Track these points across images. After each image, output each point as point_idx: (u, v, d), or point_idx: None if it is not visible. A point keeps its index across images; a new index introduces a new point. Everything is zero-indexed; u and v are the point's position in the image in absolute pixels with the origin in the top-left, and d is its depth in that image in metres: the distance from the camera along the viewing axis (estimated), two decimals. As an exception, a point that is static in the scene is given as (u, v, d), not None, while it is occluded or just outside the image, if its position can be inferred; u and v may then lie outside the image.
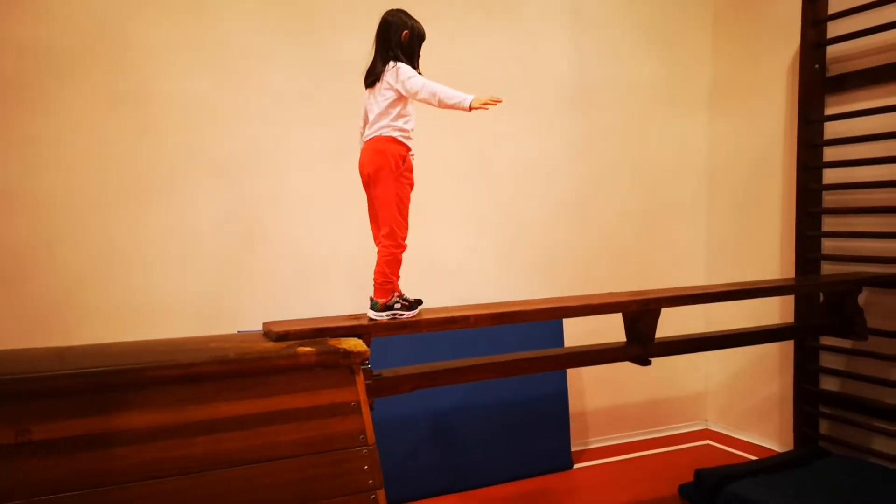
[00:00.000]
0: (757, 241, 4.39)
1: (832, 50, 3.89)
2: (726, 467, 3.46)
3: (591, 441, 4.41)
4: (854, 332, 3.41)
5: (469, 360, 2.55)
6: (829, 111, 3.90)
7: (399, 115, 2.31)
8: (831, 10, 3.83)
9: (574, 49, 4.25)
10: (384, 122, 2.29)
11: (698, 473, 3.45)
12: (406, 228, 2.33)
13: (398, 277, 2.35)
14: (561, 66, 4.22)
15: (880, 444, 3.68)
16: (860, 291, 3.46)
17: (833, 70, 3.90)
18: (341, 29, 3.62)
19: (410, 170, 2.35)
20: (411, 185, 2.36)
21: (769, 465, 3.54)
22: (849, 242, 3.82)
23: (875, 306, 3.69)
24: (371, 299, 2.34)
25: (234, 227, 3.47)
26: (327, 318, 2.40)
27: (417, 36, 2.39)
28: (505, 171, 4.07)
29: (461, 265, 3.97)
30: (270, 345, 2.14)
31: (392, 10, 2.40)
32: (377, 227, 2.36)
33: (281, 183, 3.56)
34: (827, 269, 3.93)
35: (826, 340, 3.87)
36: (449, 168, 3.92)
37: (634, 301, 2.78)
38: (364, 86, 2.38)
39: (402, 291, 2.38)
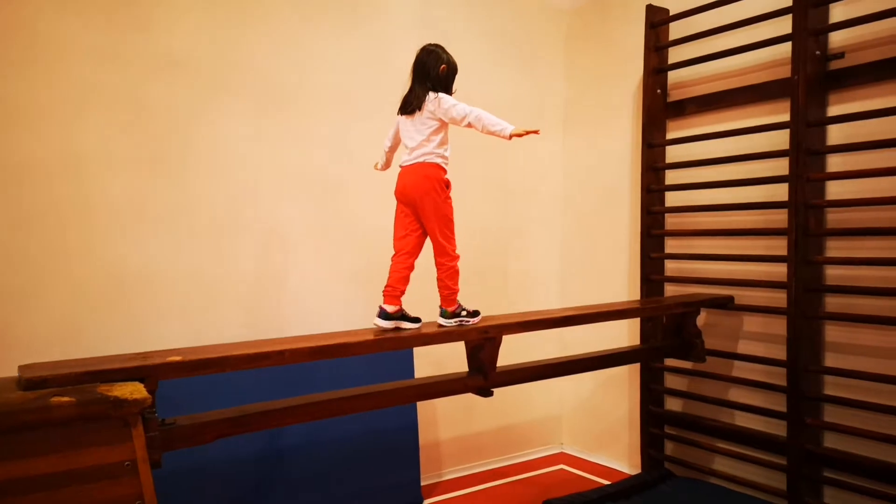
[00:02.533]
0: (609, 263, 4.40)
1: (673, 76, 3.98)
2: (574, 496, 3.35)
3: (444, 473, 4.18)
4: (693, 354, 3.44)
5: (282, 402, 2.24)
6: (669, 135, 3.97)
7: (441, 143, 2.56)
8: (672, 36, 3.92)
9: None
10: (428, 148, 2.53)
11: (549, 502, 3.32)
12: (454, 241, 2.62)
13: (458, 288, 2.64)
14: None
15: (721, 464, 3.73)
16: (698, 313, 3.49)
17: (673, 95, 3.99)
18: (169, 21, 3.21)
19: (450, 189, 2.60)
20: (451, 203, 2.61)
21: (615, 492, 3.49)
22: (690, 264, 3.89)
23: (716, 327, 3.77)
24: (440, 308, 2.64)
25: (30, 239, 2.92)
26: (105, 357, 2.00)
27: (453, 70, 2.65)
28: (356, 186, 3.79)
29: (307, 289, 3.63)
30: (17, 395, 1.72)
31: (431, 45, 2.65)
32: (405, 243, 2.60)
33: (91, 189, 3.05)
34: (671, 290, 3.99)
35: (671, 362, 3.90)
36: (294, 182, 3.58)
37: (473, 329, 2.59)
38: (399, 112, 2.63)
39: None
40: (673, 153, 3.96)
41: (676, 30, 3.91)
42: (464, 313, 2.62)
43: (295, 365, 2.40)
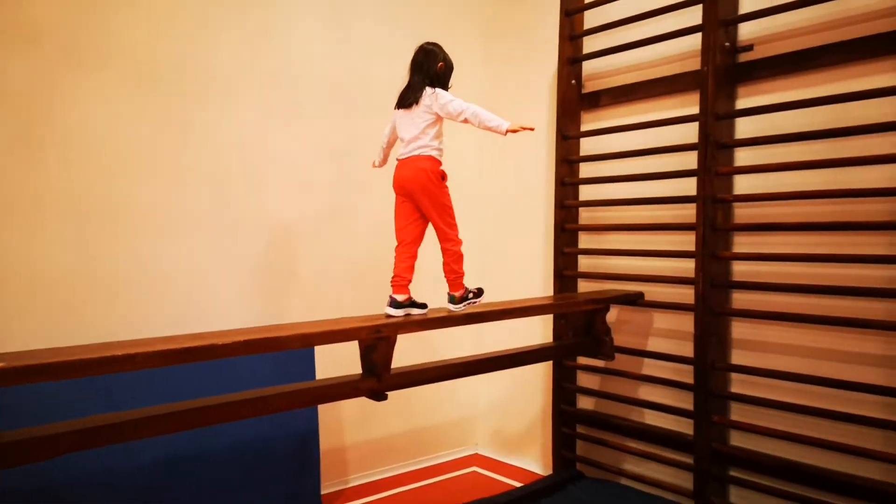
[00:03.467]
0: (526, 258, 4.26)
1: (588, 66, 3.87)
2: (483, 501, 3.20)
3: (350, 479, 3.96)
4: (602, 351, 3.33)
5: (134, 413, 1.97)
6: (584, 127, 3.87)
7: (436, 136, 2.67)
8: (587, 25, 3.81)
9: (333, 44, 3.83)
10: (423, 140, 2.63)
11: (448, 515, 3.15)
12: (457, 227, 2.73)
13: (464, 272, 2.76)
14: (316, 63, 3.76)
15: (632, 463, 3.66)
16: (607, 310, 3.39)
17: (588, 86, 3.89)
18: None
19: (447, 180, 2.69)
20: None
21: (521, 496, 3.35)
22: (603, 260, 3.79)
23: (628, 324, 3.69)
24: (448, 294, 2.77)
25: None
26: None
27: (450, 68, 2.77)
28: (250, 177, 3.51)
29: (194, 283, 3.33)
30: None
31: (430, 43, 2.77)
32: (406, 233, 2.70)
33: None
34: (585, 286, 3.89)
35: (584, 360, 3.80)
36: (179, 172, 3.27)
37: (365, 328, 2.38)
38: (396, 107, 2.75)
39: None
40: (588, 146, 3.85)
41: (591, 18, 3.80)
42: (470, 295, 2.76)
43: (182, 366, 2.16)
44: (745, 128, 3.19)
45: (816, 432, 2.90)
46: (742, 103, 3.18)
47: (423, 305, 2.71)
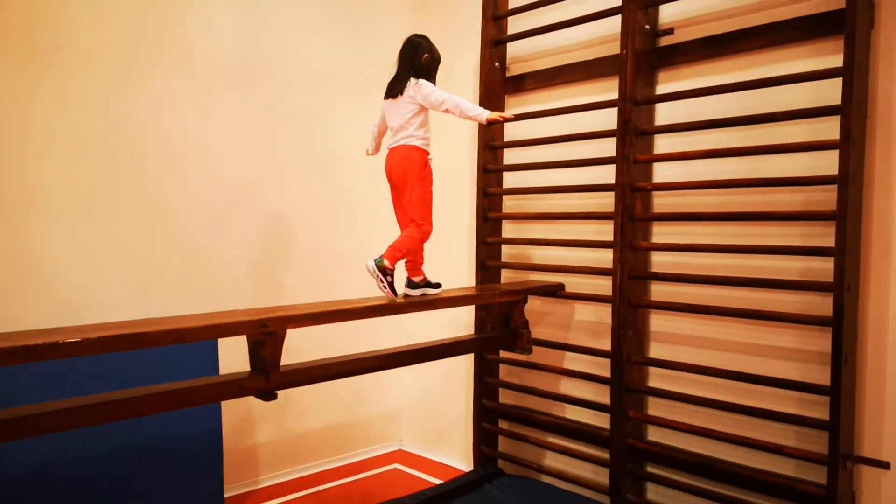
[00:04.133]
0: (453, 248, 4.10)
1: (513, 49, 3.72)
2: (393, 502, 3.04)
3: (262, 479, 3.76)
4: (519, 345, 3.21)
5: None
6: (507, 112, 3.72)
7: (421, 125, 2.75)
8: (511, 5, 3.66)
9: (241, 18, 3.58)
10: (409, 131, 2.73)
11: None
12: (429, 219, 2.79)
13: (423, 261, 2.86)
14: (223, 35, 3.52)
15: (553, 460, 3.55)
16: (524, 302, 3.27)
17: (513, 69, 3.74)
18: None
19: (430, 171, 2.80)
20: (431, 183, 2.81)
21: (436, 496, 3.21)
22: (527, 249, 3.67)
23: (549, 316, 3.57)
24: (407, 279, 2.85)
25: None
26: None
27: (436, 60, 2.85)
28: (145, 156, 3.26)
29: (82, 272, 3.07)
30: None
31: (417, 35, 2.87)
32: (404, 222, 2.82)
33: None
34: (508, 277, 3.76)
35: (507, 354, 3.66)
36: (63, 149, 3.00)
37: (248, 323, 2.19)
38: (384, 97, 2.85)
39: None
40: (514, 131, 3.71)
41: (516, -1, 3.65)
42: (426, 285, 2.85)
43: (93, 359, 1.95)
44: (665, 114, 3.09)
45: (733, 428, 2.83)
46: (662, 89, 3.08)
47: (438, 285, 2.90)
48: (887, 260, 2.48)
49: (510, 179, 3.74)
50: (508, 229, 3.78)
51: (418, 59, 2.79)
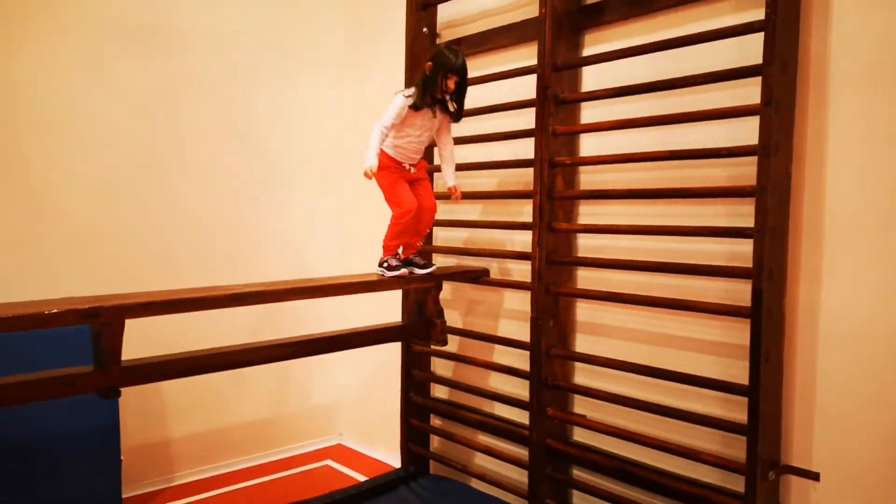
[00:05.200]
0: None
1: (444, 12, 3.42)
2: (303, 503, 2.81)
3: (177, 476, 3.55)
4: (433, 335, 2.94)
5: None
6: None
7: (396, 133, 2.71)
8: (439, -36, 3.35)
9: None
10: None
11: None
12: (396, 201, 2.72)
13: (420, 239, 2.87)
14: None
15: (481, 459, 3.29)
16: (438, 289, 2.99)
17: (445, 35, 3.44)
18: None
19: (385, 165, 2.69)
20: (387, 174, 2.71)
21: (345, 497, 2.97)
22: (458, 232, 3.39)
23: (481, 304, 3.30)
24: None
25: None
26: None
27: (438, 67, 2.62)
28: (29, 127, 3.02)
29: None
30: None
31: (444, 45, 2.96)
32: None
33: None
34: (441, 261, 3.48)
35: (437, 346, 3.39)
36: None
37: (72, 311, 1.94)
38: None
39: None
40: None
41: (445, -42, 3.34)
42: (385, 264, 2.75)
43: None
44: (593, 81, 2.77)
45: (660, 430, 2.54)
46: (588, 52, 2.77)
47: (425, 265, 2.82)
48: (819, 242, 2.16)
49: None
50: (441, 210, 3.49)
51: (423, 68, 2.68)
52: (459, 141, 3.12)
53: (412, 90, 2.66)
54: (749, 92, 2.23)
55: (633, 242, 2.63)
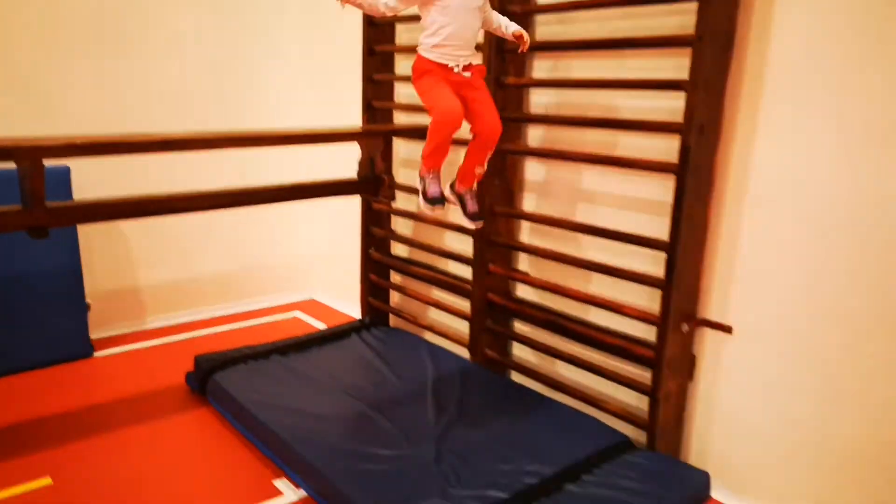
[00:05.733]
0: (342, 87, 3.72)
1: None
2: (230, 353, 2.95)
3: (148, 321, 3.72)
4: (381, 191, 2.94)
5: None
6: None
7: (425, 28, 2.17)
8: None
9: None
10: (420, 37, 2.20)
11: (196, 360, 2.92)
12: (434, 110, 2.18)
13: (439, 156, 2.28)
14: None
15: (436, 314, 3.41)
16: (388, 144, 2.96)
17: None
18: None
19: (426, 69, 2.18)
20: (428, 76, 2.19)
21: (298, 343, 3.12)
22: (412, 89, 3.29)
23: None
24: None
25: None
26: None
27: None
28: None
29: None
30: None
31: None
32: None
33: None
34: (400, 119, 3.41)
35: (399, 205, 3.40)
36: None
37: (-4, 148, 1.95)
38: None
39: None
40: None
41: None
42: (423, 188, 2.33)
43: None
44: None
45: (592, 286, 2.60)
46: None
47: (474, 216, 2.40)
48: (758, 98, 2.08)
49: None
50: (404, 65, 3.38)
51: None
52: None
53: None
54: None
55: (586, 98, 2.55)
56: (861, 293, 1.93)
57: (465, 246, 3.12)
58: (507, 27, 2.26)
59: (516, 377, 2.88)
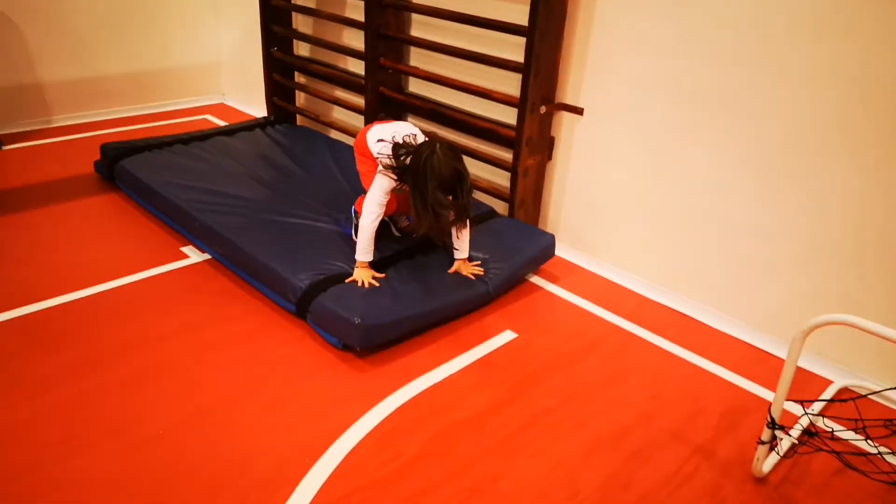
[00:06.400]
0: None
1: None
2: (136, 142, 3.11)
3: (55, 119, 3.78)
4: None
5: None
6: None
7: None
8: None
9: None
10: None
11: (102, 148, 3.07)
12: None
13: None
14: None
15: (338, 113, 3.60)
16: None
17: None
18: None
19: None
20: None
21: (205, 135, 3.28)
22: None
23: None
24: None
25: None
26: None
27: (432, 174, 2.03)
28: None
29: None
30: None
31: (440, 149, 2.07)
32: None
33: None
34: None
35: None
36: None
37: None
38: None
39: None
40: None
41: None
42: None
43: None
44: None
45: (470, 77, 2.81)
46: None
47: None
48: None
49: None
50: None
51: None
52: None
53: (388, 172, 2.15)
54: None
55: None
56: (686, 80, 2.22)
57: (359, 43, 3.24)
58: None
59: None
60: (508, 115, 2.68)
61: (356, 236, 2.25)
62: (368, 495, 1.56)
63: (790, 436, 1.73)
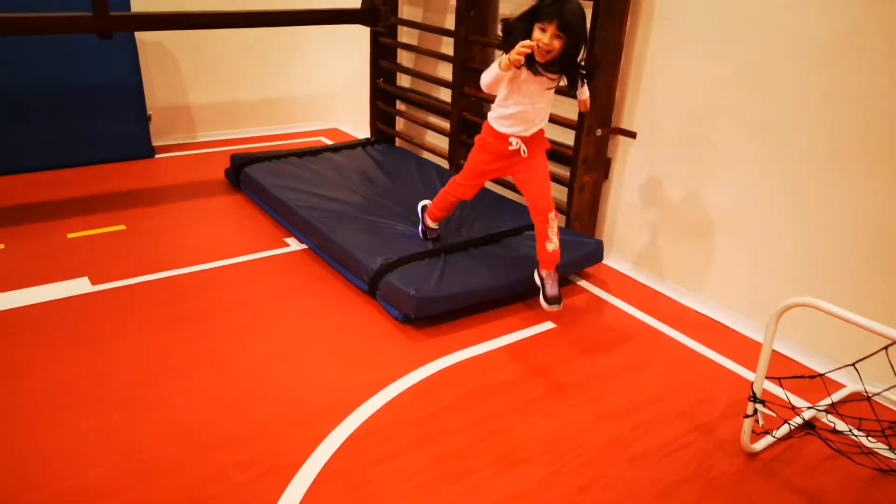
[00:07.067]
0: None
1: None
2: (258, 154, 3.69)
3: (199, 135, 4.50)
4: (379, 21, 3.48)
5: None
6: None
7: (498, 99, 2.31)
8: None
9: None
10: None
11: (232, 158, 3.67)
12: (466, 175, 2.53)
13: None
14: None
15: (431, 137, 4.05)
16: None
17: None
18: None
19: (486, 141, 2.41)
20: (482, 149, 2.44)
21: (320, 150, 3.82)
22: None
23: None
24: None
25: None
26: None
27: (507, 29, 2.17)
28: None
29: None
30: None
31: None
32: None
33: None
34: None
35: (404, 38, 3.96)
36: None
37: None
38: None
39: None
40: None
41: None
42: (422, 227, 2.74)
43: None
44: None
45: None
46: None
47: (552, 300, 2.37)
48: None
49: None
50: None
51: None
52: None
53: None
54: None
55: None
56: (731, 108, 2.46)
57: (450, 75, 3.69)
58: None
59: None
60: (568, 137, 3.00)
61: (423, 236, 2.71)
62: (401, 429, 1.91)
63: (789, 423, 1.90)
